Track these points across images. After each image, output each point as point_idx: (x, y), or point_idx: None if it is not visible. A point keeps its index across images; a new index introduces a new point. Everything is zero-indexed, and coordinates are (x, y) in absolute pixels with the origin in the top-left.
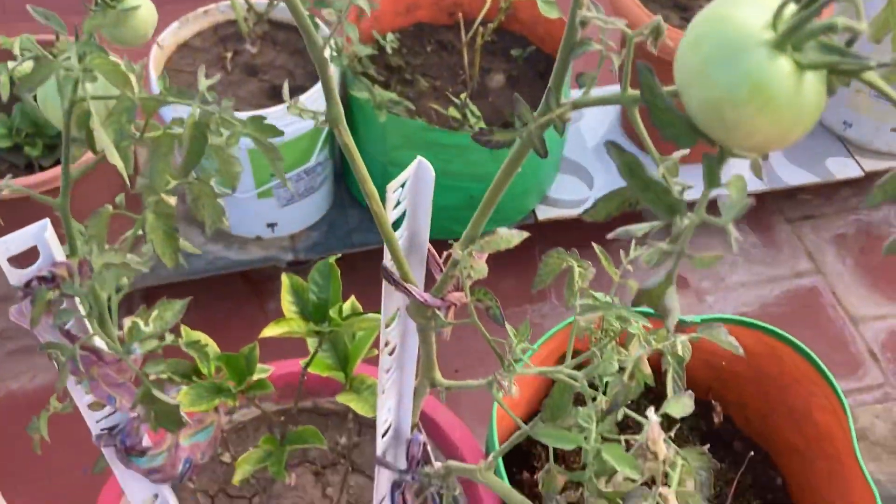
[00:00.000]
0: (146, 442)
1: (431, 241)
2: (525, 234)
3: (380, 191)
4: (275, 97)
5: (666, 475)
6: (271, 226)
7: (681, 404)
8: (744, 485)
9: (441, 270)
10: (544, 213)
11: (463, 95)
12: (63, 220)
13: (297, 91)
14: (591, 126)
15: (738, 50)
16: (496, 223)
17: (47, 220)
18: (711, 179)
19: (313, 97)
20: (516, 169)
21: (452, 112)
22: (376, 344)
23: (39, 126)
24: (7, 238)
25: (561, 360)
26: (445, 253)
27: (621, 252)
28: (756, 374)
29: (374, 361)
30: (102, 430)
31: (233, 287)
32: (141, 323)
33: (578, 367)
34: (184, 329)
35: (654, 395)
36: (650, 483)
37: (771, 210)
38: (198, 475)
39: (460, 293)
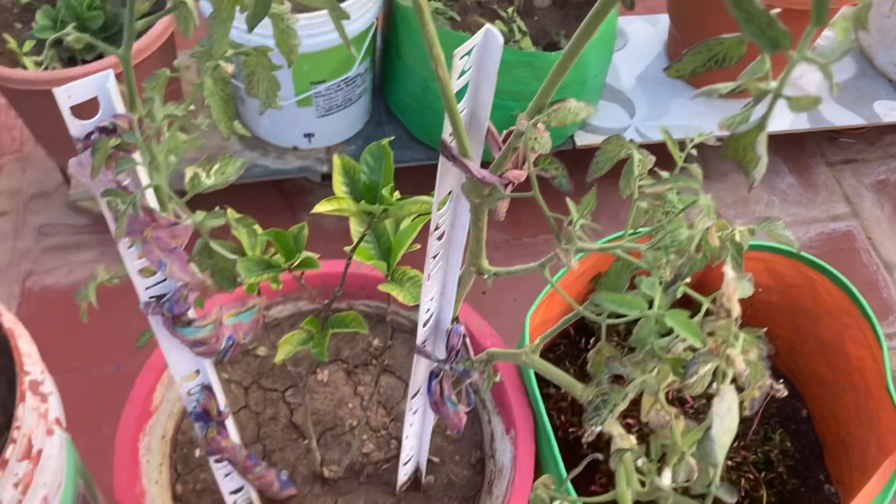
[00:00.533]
0: (192, 314)
1: None
2: (593, 108)
3: (417, 109)
4: None
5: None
6: (308, 136)
7: (742, 285)
8: (768, 413)
9: (500, 149)
10: (583, 139)
11: (510, 10)
12: (124, 71)
13: None
14: (635, 56)
15: None
16: (512, 121)
17: (111, 70)
18: (819, 16)
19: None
20: (596, 27)
21: (499, 25)
22: (418, 239)
23: (83, 19)
24: (70, 85)
25: (595, 281)
26: (504, 132)
27: (687, 142)
28: (789, 304)
29: (413, 259)
30: (151, 297)
31: (267, 197)
32: (202, 174)
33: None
34: (229, 210)
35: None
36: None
37: (811, 152)
38: (232, 365)
39: (519, 171)
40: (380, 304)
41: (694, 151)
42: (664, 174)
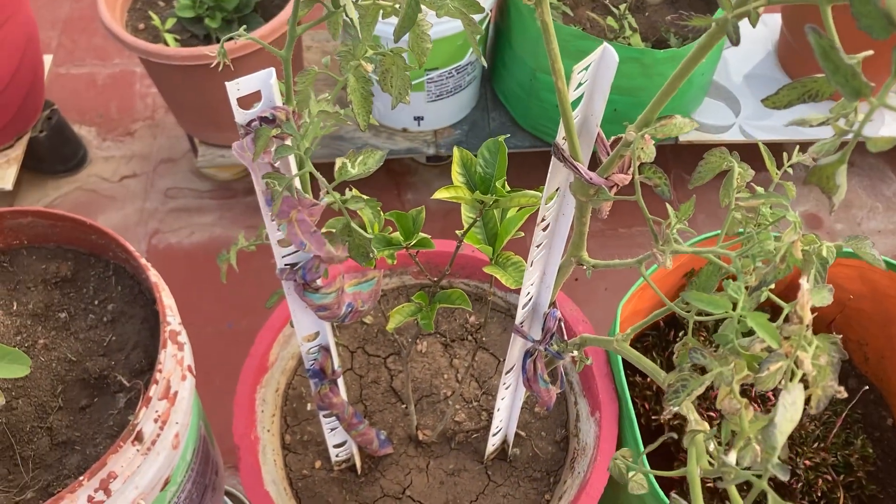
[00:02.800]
0: (319, 281)
1: None
2: (696, 124)
3: (523, 98)
4: None
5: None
6: (418, 119)
7: (821, 296)
8: (851, 419)
9: (608, 153)
10: (685, 135)
11: (622, 6)
12: (285, 69)
13: None
14: (744, 54)
15: None
16: (621, 129)
17: (272, 69)
18: None
19: None
20: (704, 55)
21: (610, 21)
22: (522, 227)
23: (220, 1)
24: (239, 80)
25: (689, 276)
26: (613, 137)
27: (784, 154)
28: (882, 313)
29: (515, 246)
30: (286, 265)
31: (375, 176)
32: (349, 164)
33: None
34: (354, 191)
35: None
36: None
37: None
38: (341, 331)
39: (624, 175)
40: (479, 283)
41: (803, 157)
42: (760, 190)
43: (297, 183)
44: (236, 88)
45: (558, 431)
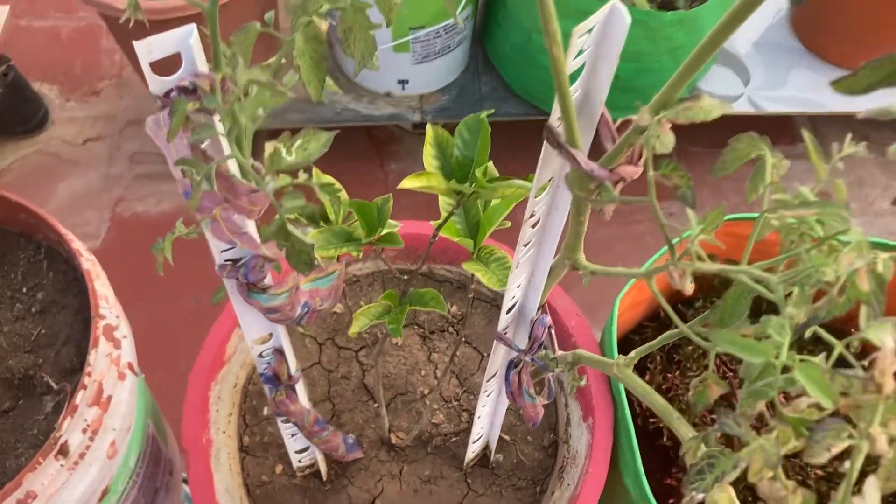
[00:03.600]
0: (268, 280)
1: None
2: (729, 107)
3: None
4: None
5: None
6: (402, 83)
7: (883, 330)
8: None
9: (614, 140)
10: None
11: None
12: (210, 27)
13: None
14: (755, 18)
15: None
16: (631, 110)
17: (193, 26)
18: None
19: None
20: (748, 15)
21: None
22: (509, 217)
23: None
24: (151, 39)
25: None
26: (621, 120)
27: (834, 146)
28: None
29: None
30: (226, 260)
31: (357, 143)
32: (283, 149)
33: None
34: (315, 171)
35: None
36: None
37: None
38: (314, 322)
39: (634, 167)
40: (462, 271)
41: (857, 149)
42: (804, 189)
43: (233, 168)
44: (148, 50)
45: (546, 436)
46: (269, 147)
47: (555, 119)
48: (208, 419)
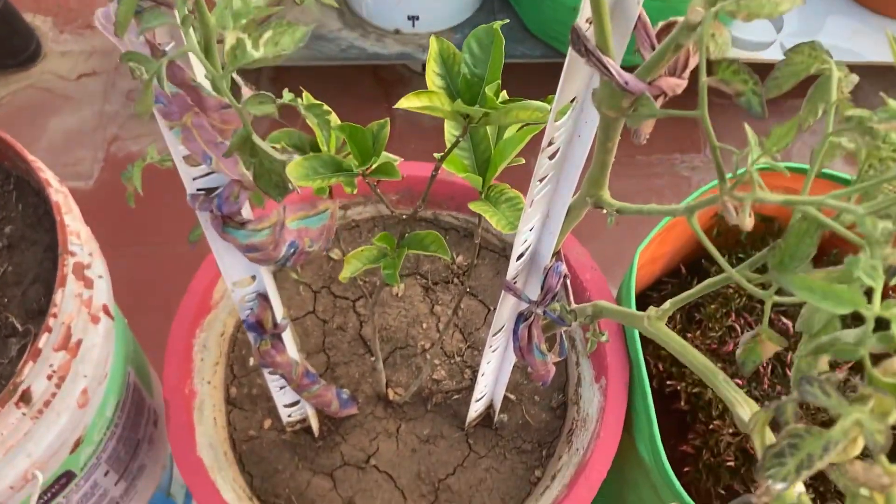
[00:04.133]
0: (247, 214)
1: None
2: (800, 2)
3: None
4: None
5: None
6: (412, 19)
7: None
8: None
9: (653, 47)
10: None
11: None
12: None
13: None
14: None
15: None
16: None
17: None
18: None
19: None
20: None
21: None
22: (524, 152)
23: None
24: None
25: (719, 218)
26: (661, 23)
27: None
28: None
29: (513, 175)
30: (199, 190)
31: (362, 83)
32: (248, 42)
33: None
34: (305, 94)
35: None
36: None
37: None
38: (303, 266)
39: (678, 79)
40: (469, 217)
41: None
42: (892, 102)
43: (199, 77)
44: None
45: (555, 396)
46: (230, 37)
47: (583, 19)
48: (192, 368)
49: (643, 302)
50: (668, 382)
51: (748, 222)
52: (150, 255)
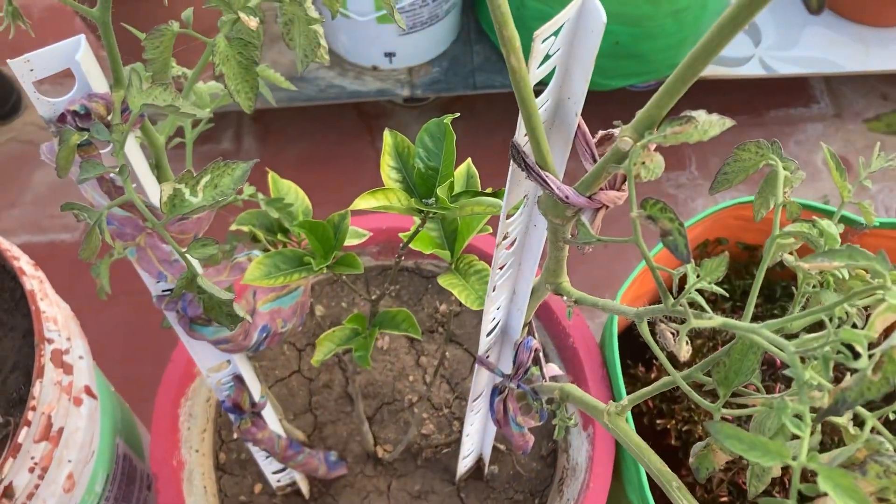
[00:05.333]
0: None
1: None
2: (731, 122)
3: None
4: None
5: None
6: (389, 55)
7: None
8: None
9: (594, 158)
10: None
11: None
12: (103, 38)
13: None
14: None
15: None
16: (638, 77)
17: (81, 37)
18: None
19: None
20: (747, 21)
21: None
22: (492, 222)
23: None
24: (31, 55)
25: (701, 249)
26: (601, 133)
27: (860, 160)
28: None
29: (485, 241)
30: (163, 291)
31: (345, 119)
32: (186, 191)
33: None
34: (271, 176)
35: None
36: None
37: None
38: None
39: (617, 192)
40: None
41: (869, 183)
42: (824, 224)
43: (151, 196)
44: (28, 69)
45: (544, 444)
46: (165, 189)
47: (521, 135)
48: (179, 439)
49: (628, 340)
50: (658, 421)
51: (685, 350)
52: (140, 304)
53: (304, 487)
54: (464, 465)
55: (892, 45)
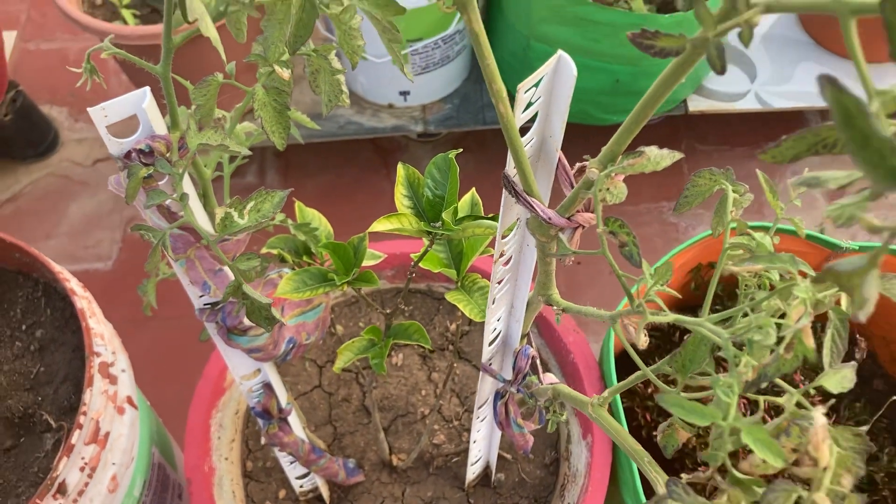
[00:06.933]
0: (247, 321)
1: (568, 124)
2: (679, 155)
3: (517, 69)
4: None
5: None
6: (404, 94)
7: (839, 378)
8: (877, 428)
9: (572, 184)
10: (696, 104)
11: None
12: (164, 89)
13: None
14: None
15: None
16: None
17: (147, 89)
18: None
19: None
20: (679, 80)
21: None
22: (493, 244)
23: None
24: (106, 104)
25: (695, 273)
26: (578, 165)
27: (789, 183)
28: None
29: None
30: (205, 305)
31: (362, 153)
32: (235, 214)
33: (722, 321)
34: (298, 206)
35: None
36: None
37: None
38: (302, 355)
39: (591, 214)
40: None
41: (798, 202)
42: (759, 236)
43: (199, 220)
44: (103, 115)
45: (548, 453)
46: (219, 213)
47: (511, 168)
48: (210, 447)
49: (627, 357)
50: (655, 433)
51: (643, 341)
52: (168, 329)
53: (325, 493)
54: (472, 471)
55: (879, 80)
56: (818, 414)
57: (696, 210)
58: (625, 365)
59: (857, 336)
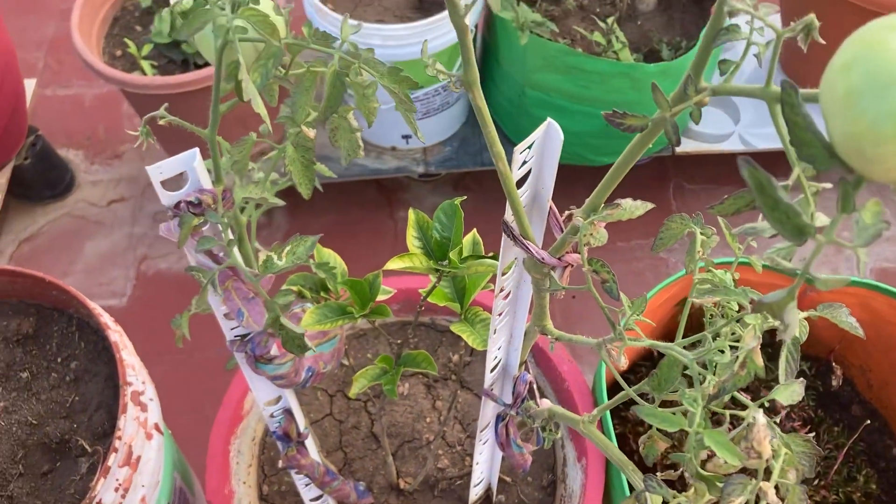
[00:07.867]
0: (273, 351)
1: (562, 165)
2: (650, 206)
3: (513, 114)
4: (419, 8)
5: (767, 469)
6: (406, 137)
7: (790, 392)
8: (855, 451)
9: (561, 229)
10: (683, 145)
11: (610, 19)
12: (211, 151)
13: (440, 4)
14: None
15: (890, 83)
16: None
17: (196, 150)
18: (846, 205)
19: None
20: (645, 148)
21: (597, 37)
22: (493, 280)
23: None
24: (161, 164)
25: (678, 306)
26: (567, 213)
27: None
28: (884, 341)
29: (489, 297)
30: (235, 336)
31: (367, 193)
32: (275, 257)
33: (692, 345)
34: (318, 249)
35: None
36: (752, 472)
37: None
38: (319, 382)
39: (578, 255)
40: None
41: (755, 243)
42: (720, 273)
43: (238, 257)
44: (159, 172)
45: (545, 476)
46: (262, 255)
47: (509, 216)
48: (229, 472)
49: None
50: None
51: (622, 362)
52: (182, 363)
53: None
54: (475, 493)
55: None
56: (759, 414)
57: (684, 246)
58: (616, 393)
59: (834, 364)
